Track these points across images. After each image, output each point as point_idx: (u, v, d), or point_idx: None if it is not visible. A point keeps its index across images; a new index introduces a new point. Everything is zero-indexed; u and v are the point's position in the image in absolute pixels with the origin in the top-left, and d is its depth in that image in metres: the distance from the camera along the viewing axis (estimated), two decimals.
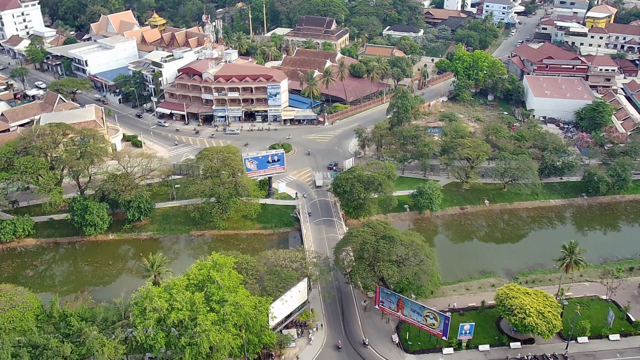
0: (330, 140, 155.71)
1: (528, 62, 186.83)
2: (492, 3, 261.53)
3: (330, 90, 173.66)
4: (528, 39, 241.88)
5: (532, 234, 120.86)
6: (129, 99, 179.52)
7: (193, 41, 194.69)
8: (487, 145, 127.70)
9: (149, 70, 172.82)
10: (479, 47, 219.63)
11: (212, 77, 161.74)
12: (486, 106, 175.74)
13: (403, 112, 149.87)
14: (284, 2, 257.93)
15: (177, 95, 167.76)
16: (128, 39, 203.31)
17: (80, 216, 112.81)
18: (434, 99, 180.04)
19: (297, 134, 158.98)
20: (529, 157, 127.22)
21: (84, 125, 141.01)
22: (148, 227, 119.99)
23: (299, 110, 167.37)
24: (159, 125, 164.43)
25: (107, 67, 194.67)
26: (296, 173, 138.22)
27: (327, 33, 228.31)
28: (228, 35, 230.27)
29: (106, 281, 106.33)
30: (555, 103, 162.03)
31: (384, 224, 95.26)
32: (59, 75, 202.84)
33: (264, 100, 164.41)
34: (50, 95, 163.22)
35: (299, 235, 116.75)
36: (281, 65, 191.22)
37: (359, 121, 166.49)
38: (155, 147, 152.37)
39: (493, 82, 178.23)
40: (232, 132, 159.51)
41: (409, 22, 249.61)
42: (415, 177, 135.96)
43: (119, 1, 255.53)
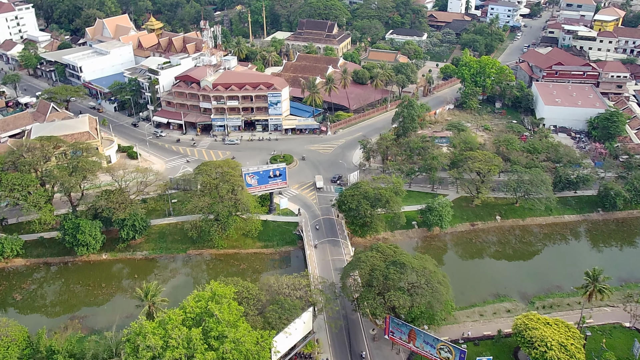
0: (334, 151, 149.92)
1: (537, 69, 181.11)
2: (497, 6, 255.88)
3: (333, 98, 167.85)
4: (534, 42, 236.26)
5: (546, 252, 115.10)
6: (124, 107, 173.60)
7: (191, 46, 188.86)
8: (499, 158, 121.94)
9: (145, 78, 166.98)
10: (484, 52, 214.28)
11: (211, 85, 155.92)
12: (494, 114, 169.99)
13: (409, 122, 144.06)
14: (284, 5, 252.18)
15: (174, 103, 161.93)
16: (124, 44, 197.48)
17: (72, 236, 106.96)
18: (439, 106, 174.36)
19: (299, 144, 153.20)
20: (542, 171, 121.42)
21: (77, 137, 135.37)
22: (143, 246, 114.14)
23: (301, 119, 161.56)
24: (156, 135, 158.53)
25: (103, 73, 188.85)
26: (298, 187, 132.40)
27: (328, 37, 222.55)
28: (227, 39, 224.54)
29: (98, 306, 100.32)
30: (566, 112, 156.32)
31: (394, 247, 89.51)
32: (53, 81, 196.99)
33: (264, 109, 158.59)
34: (43, 104, 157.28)
35: (302, 254, 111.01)
36: (282, 72, 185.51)
37: (363, 130, 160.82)
38: (151, 158, 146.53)
39: (501, 89, 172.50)
40: (232, 142, 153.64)
41: (412, 26, 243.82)
42: (423, 191, 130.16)
43: (115, 4, 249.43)
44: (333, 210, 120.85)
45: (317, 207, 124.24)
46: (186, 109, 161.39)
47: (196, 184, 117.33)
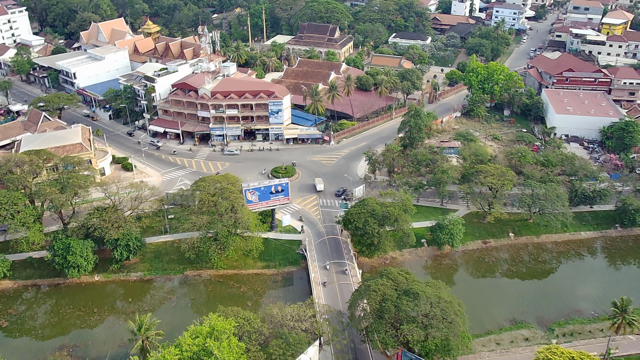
0: (337, 162, 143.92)
1: (546, 75, 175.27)
2: (502, 8, 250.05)
3: (336, 106, 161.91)
4: (541, 46, 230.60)
5: (563, 271, 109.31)
6: (120, 115, 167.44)
7: (189, 52, 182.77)
8: (512, 172, 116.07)
9: (141, 85, 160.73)
10: (490, 57, 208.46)
11: (209, 93, 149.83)
12: (503, 122, 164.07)
13: (416, 132, 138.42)
14: (284, 8, 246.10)
15: (171, 112, 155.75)
16: (119, 49, 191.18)
17: (62, 257, 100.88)
18: (446, 114, 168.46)
19: (301, 155, 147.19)
20: (558, 186, 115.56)
21: (69, 149, 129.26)
22: (138, 267, 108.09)
23: (303, 129, 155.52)
24: (152, 145, 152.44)
25: (97, 79, 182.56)
26: (301, 201, 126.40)
27: (330, 41, 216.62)
28: (226, 43, 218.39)
29: (90, 334, 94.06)
30: (578, 120, 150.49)
31: (405, 273, 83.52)
32: (46, 88, 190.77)
33: (265, 118, 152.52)
34: (34, 113, 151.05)
35: (306, 276, 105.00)
36: (282, 78, 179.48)
37: (367, 139, 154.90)
38: (147, 170, 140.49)
39: (510, 96, 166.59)
40: (231, 153, 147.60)
41: (415, 29, 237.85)
42: (431, 206, 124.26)
43: (111, 7, 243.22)
44: (338, 227, 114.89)
45: (320, 224, 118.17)
46: (183, 117, 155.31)
47: (194, 200, 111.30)
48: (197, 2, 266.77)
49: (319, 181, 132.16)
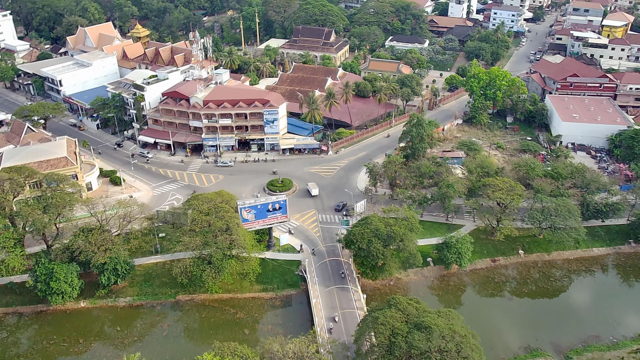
0: (336, 174, 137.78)
1: (550, 80, 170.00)
2: (501, 10, 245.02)
3: (334, 114, 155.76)
4: (541, 49, 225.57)
5: (576, 291, 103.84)
6: (108, 124, 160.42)
7: (179, 58, 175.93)
8: (521, 187, 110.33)
9: (130, 93, 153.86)
10: (490, 61, 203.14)
11: (201, 102, 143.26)
12: (506, 130, 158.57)
13: (418, 142, 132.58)
14: (278, 10, 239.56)
15: (161, 121, 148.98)
16: (107, 55, 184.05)
17: (45, 283, 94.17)
18: (447, 121, 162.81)
19: (298, 166, 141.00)
20: (569, 200, 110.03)
21: (53, 164, 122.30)
22: (127, 291, 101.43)
23: (300, 138, 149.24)
24: (142, 156, 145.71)
25: (84, 86, 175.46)
26: (299, 217, 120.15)
27: (325, 45, 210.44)
28: (218, 47, 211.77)
29: None
30: (585, 128, 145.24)
31: (415, 302, 77.51)
32: (31, 95, 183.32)
33: (259, 127, 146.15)
34: (17, 124, 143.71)
35: (306, 299, 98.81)
36: (277, 84, 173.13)
37: (366, 149, 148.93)
38: (136, 184, 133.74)
39: (513, 102, 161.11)
40: (225, 165, 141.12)
41: (412, 32, 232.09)
42: (436, 221, 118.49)
43: (99, 11, 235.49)
44: (339, 246, 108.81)
45: (321, 242, 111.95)
46: (175, 127, 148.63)
47: (186, 219, 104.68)
48: (187, 4, 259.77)
49: (312, 186, 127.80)
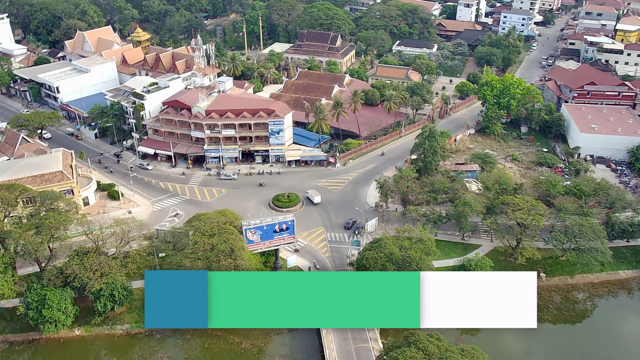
0: (344, 188, 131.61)
1: (566, 88, 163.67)
2: (510, 14, 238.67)
3: (341, 123, 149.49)
4: (552, 54, 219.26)
5: (604, 320, 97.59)
6: (106, 133, 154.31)
7: (181, 64, 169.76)
8: (543, 206, 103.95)
9: (129, 102, 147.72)
10: (502, 67, 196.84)
11: (203, 112, 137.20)
12: (521, 140, 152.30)
13: (431, 155, 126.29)
14: (282, 14, 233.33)
15: (162, 132, 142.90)
16: (106, 61, 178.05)
17: (37, 311, 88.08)
18: (458, 130, 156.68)
19: (304, 179, 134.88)
20: (594, 220, 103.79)
21: (48, 178, 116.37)
22: (124, 318, 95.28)
23: (306, 149, 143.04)
24: (141, 167, 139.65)
25: (82, 93, 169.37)
26: (307, 235, 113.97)
27: (331, 50, 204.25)
28: (220, 52, 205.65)
29: None
30: (604, 140, 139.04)
31: (436, 340, 71.32)
32: (28, 102, 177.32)
33: (264, 138, 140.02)
34: (11, 134, 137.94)
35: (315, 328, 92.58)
36: (282, 92, 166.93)
37: (375, 161, 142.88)
38: (135, 198, 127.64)
39: (527, 111, 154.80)
40: (228, 177, 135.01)
41: (420, 36, 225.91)
42: (451, 241, 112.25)
43: (98, 14, 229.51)
44: (350, 269, 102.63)
45: (330, 264, 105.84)
46: (176, 138, 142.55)
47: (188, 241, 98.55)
48: (189, 7, 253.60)
49: (314, 193, 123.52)
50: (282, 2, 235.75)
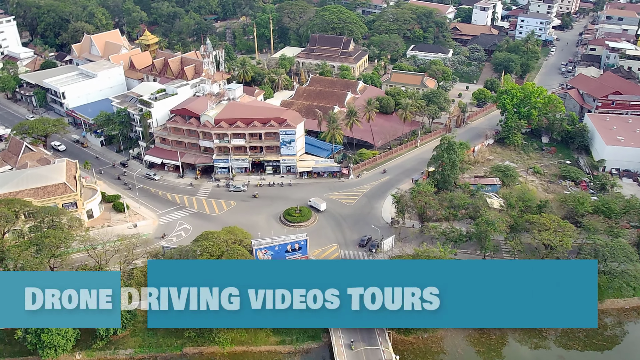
0: (358, 202, 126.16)
1: (589, 97, 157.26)
2: (528, 18, 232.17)
3: (355, 133, 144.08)
4: (572, 60, 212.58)
5: (636, 349, 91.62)
6: (112, 141, 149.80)
7: (189, 69, 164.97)
8: (571, 226, 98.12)
9: (136, 109, 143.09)
10: (520, 73, 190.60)
11: (212, 121, 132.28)
12: (542, 152, 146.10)
13: (449, 169, 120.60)
14: (293, 17, 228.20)
15: (169, 140, 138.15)
16: (114, 65, 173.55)
17: (35, 335, 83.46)
18: (476, 140, 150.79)
19: (317, 191, 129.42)
20: (625, 242, 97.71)
21: (51, 191, 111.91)
22: (128, 342, 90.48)
23: (319, 160, 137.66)
24: (148, 178, 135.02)
25: (89, 99, 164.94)
26: (320, 253, 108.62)
27: (343, 55, 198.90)
28: (230, 55, 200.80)
29: None
30: (631, 153, 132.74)
31: None
32: (33, 107, 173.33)
33: (275, 148, 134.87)
34: (15, 143, 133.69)
35: (329, 353, 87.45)
36: (293, 99, 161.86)
37: (391, 172, 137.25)
38: (141, 210, 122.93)
39: (549, 121, 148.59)
40: (237, 189, 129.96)
41: (435, 41, 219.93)
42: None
43: (106, 16, 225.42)
44: None
45: None
46: (183, 147, 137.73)
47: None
48: (198, 9, 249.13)
49: (318, 200, 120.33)
50: (294, 5, 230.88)
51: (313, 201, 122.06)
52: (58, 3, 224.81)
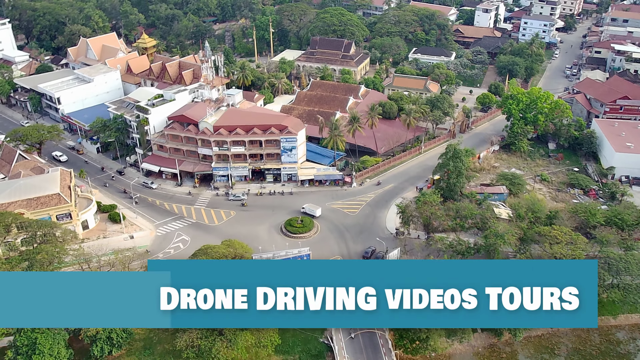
0: (362, 211, 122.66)
1: (596, 102, 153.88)
2: (531, 20, 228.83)
3: (357, 139, 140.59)
4: (576, 62, 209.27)
5: None
6: (109, 148, 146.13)
7: (187, 74, 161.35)
8: (583, 239, 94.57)
9: (133, 115, 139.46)
10: (524, 76, 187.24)
11: (211, 128, 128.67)
12: (549, 158, 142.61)
13: (456, 177, 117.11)
14: (293, 19, 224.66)
15: (167, 148, 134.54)
16: (110, 70, 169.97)
17: (26, 356, 79.85)
18: (481, 146, 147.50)
19: (319, 200, 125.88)
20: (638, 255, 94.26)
21: (44, 202, 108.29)
22: None
23: (320, 168, 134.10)
24: (145, 186, 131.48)
25: (85, 104, 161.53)
26: None
27: (345, 58, 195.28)
28: (229, 59, 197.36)
29: None
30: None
31: None
32: (28, 112, 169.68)
33: (276, 156, 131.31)
34: (8, 151, 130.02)
35: None
36: (294, 104, 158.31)
37: (394, 180, 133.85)
38: (138, 221, 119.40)
39: (555, 127, 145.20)
40: (237, 198, 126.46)
41: (437, 43, 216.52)
42: None
43: (103, 19, 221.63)
44: None
45: None
46: (182, 154, 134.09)
47: None
48: (197, 11, 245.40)
49: (313, 206, 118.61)
50: (294, 7, 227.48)
51: (307, 208, 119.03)
52: (54, 6, 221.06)
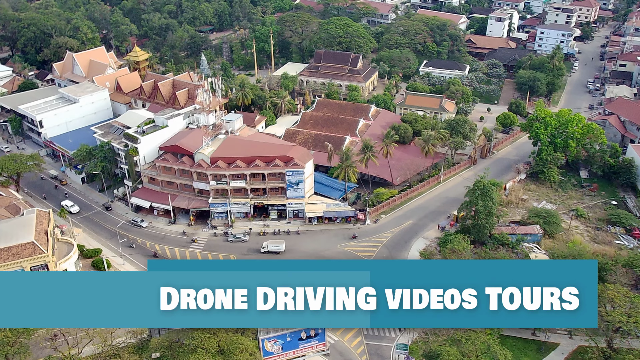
0: (378, 254, 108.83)
1: (632, 125, 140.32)
2: (548, 29, 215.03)
3: (371, 169, 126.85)
4: (598, 76, 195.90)
5: None
6: (95, 178, 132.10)
7: (182, 94, 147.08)
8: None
9: (122, 143, 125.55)
10: (545, 93, 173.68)
11: (208, 160, 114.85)
12: (582, 189, 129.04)
13: (485, 218, 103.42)
14: (295, 29, 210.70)
15: (159, 181, 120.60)
16: (98, 88, 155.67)
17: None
18: (504, 173, 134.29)
19: (328, 241, 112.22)
20: None
21: (16, 252, 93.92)
22: None
23: (330, 203, 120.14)
24: (134, 224, 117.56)
25: (69, 126, 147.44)
26: (342, 334, 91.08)
27: (351, 73, 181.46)
28: (227, 73, 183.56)
29: None
30: None
31: None
32: (9, 135, 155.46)
33: (280, 190, 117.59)
34: None
35: None
36: (298, 127, 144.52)
37: (413, 215, 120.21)
38: (126, 267, 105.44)
39: (588, 153, 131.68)
40: (237, 239, 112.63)
41: (449, 55, 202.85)
42: (520, 337, 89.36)
43: (92, 29, 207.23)
44: None
45: None
46: (175, 188, 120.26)
47: (189, 342, 76.28)
48: (192, 21, 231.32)
49: (275, 242, 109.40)
50: (296, 17, 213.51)
51: (269, 246, 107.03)
52: (40, 16, 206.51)
